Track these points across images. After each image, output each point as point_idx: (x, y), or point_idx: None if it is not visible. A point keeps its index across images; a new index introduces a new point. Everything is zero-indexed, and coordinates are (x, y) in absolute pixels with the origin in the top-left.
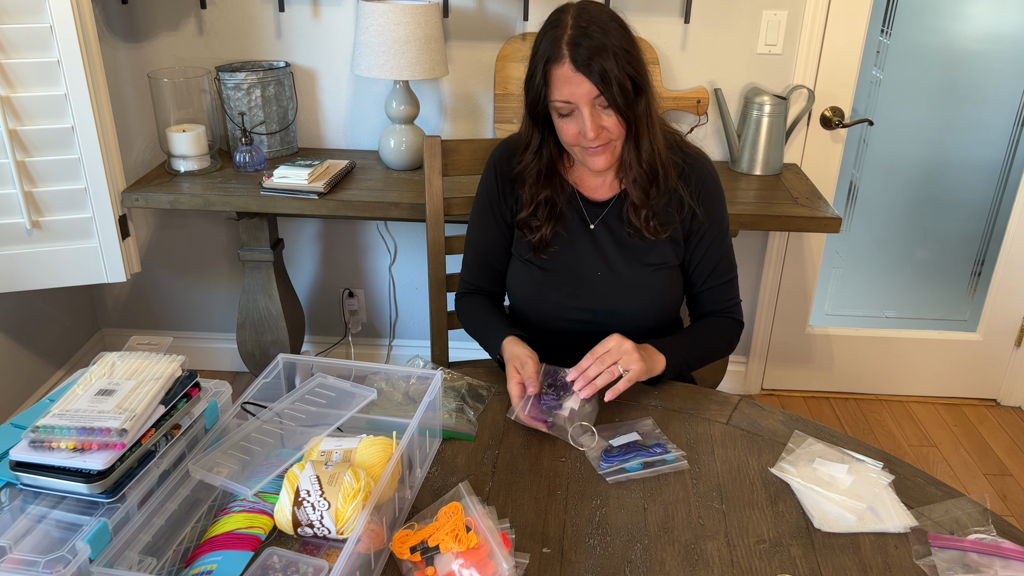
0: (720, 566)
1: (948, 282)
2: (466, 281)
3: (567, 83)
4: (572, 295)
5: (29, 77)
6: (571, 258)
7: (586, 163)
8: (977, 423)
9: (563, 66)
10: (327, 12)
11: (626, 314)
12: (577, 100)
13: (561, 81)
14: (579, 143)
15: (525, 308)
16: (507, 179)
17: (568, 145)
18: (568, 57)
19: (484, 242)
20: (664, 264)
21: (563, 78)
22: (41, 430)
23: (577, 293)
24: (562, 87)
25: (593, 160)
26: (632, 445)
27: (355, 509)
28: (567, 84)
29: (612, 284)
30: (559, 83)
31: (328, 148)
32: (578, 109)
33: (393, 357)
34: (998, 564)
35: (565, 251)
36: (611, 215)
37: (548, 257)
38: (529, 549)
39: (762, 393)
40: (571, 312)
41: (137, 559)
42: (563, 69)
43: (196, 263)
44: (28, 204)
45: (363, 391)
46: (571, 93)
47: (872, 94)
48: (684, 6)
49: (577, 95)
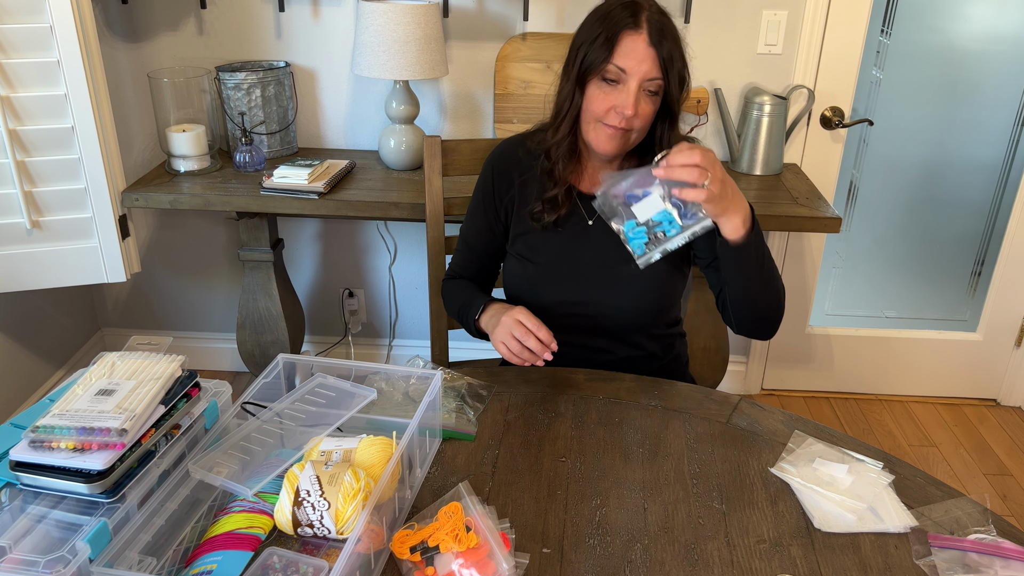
0: (720, 566)
1: (948, 282)
2: (453, 269)
3: (633, 53)
4: (568, 291)
5: (29, 77)
6: (568, 253)
7: (597, 142)
8: (977, 423)
9: (639, 36)
10: (327, 12)
11: (623, 309)
12: (634, 73)
13: (629, 49)
14: (606, 118)
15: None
16: (504, 174)
17: (592, 116)
18: (647, 30)
19: (475, 237)
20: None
21: (631, 47)
22: (41, 430)
23: (574, 289)
24: (628, 55)
25: (607, 141)
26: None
27: (355, 509)
28: (633, 54)
29: (609, 279)
30: (626, 50)
31: (328, 148)
32: (627, 82)
33: (393, 357)
34: (998, 564)
35: (562, 246)
36: None
37: (542, 252)
38: (529, 549)
39: (762, 393)
40: (568, 307)
41: (137, 559)
42: (637, 39)
43: (196, 263)
44: (28, 204)
45: (363, 391)
46: (634, 65)
47: (872, 94)
48: (684, 6)
49: (638, 68)
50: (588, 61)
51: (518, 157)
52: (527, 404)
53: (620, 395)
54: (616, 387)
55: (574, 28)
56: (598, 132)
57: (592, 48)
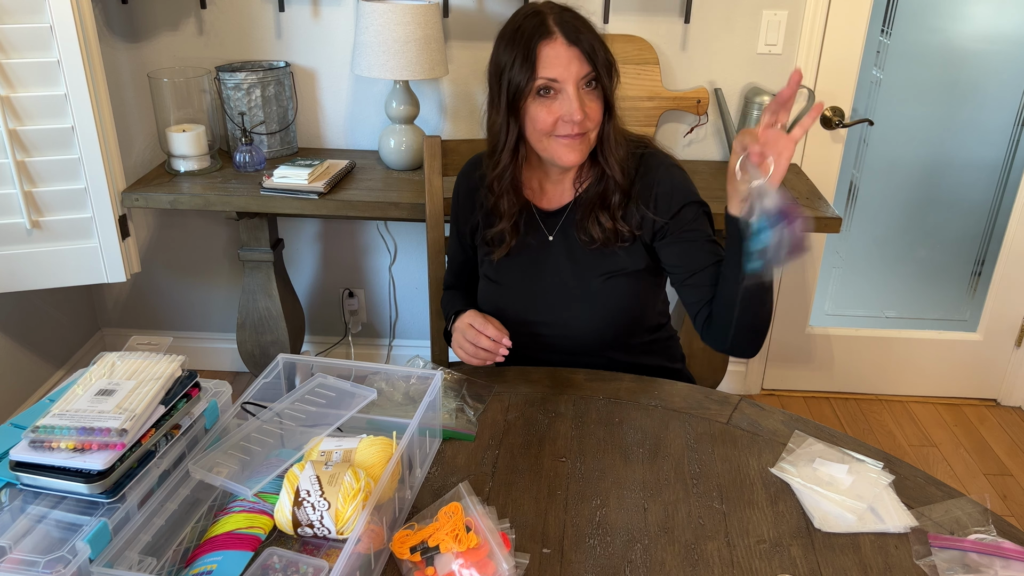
0: (720, 566)
1: (948, 282)
2: (445, 280)
3: (557, 60)
4: (530, 309)
5: (29, 77)
6: (530, 273)
7: (558, 155)
8: (977, 423)
9: (555, 42)
10: (327, 12)
11: (587, 324)
12: (566, 79)
13: (551, 58)
14: (556, 131)
15: None
16: (469, 195)
17: (541, 135)
18: (560, 33)
19: (453, 252)
20: (622, 270)
21: (553, 55)
22: (41, 430)
23: (535, 307)
24: (552, 65)
25: (567, 152)
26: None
27: (355, 509)
28: (557, 61)
29: (570, 295)
30: (549, 61)
31: (328, 148)
32: (563, 90)
33: (393, 357)
34: (998, 564)
35: (523, 267)
36: (567, 224)
37: (505, 272)
38: (529, 549)
39: (762, 393)
40: (534, 327)
41: (137, 559)
42: (555, 45)
43: (196, 263)
44: (28, 204)
45: (363, 391)
46: (562, 71)
47: (872, 94)
48: (684, 6)
49: (567, 72)
50: (514, 85)
51: (480, 178)
52: (527, 404)
53: (620, 395)
54: (616, 387)
55: None
56: (554, 146)
57: (513, 71)
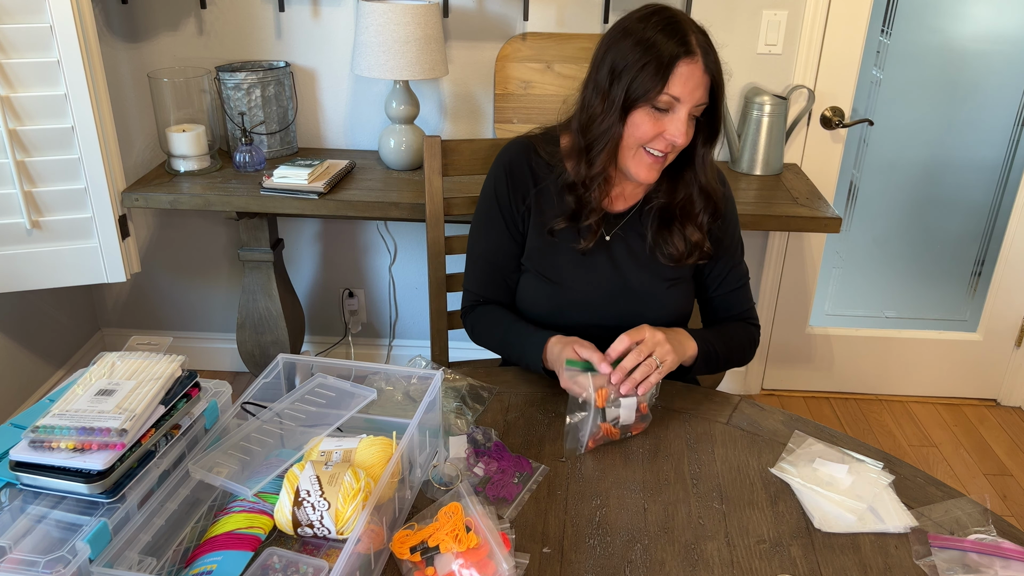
0: (720, 566)
1: (948, 282)
2: (473, 293)
3: (689, 80)
4: (588, 311)
5: (29, 77)
6: (589, 273)
7: (638, 170)
8: (977, 423)
9: (695, 64)
10: (327, 12)
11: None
12: (687, 100)
13: (685, 77)
14: (651, 144)
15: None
16: (523, 182)
17: (637, 142)
18: (700, 56)
19: (494, 251)
20: (679, 278)
21: (688, 74)
22: (41, 430)
23: (593, 309)
24: (684, 84)
25: (649, 170)
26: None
27: (355, 509)
28: (689, 81)
29: (627, 298)
30: (683, 80)
31: (328, 148)
32: (677, 110)
33: (393, 357)
34: (998, 564)
35: (582, 266)
36: (628, 227)
37: (566, 272)
38: (529, 549)
39: (762, 393)
40: (586, 329)
41: (137, 559)
42: (694, 67)
43: (196, 263)
44: (28, 204)
45: (363, 391)
46: (689, 92)
47: (872, 94)
48: (684, 6)
49: (692, 97)
50: (638, 91)
51: (532, 166)
52: (527, 404)
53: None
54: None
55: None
56: (640, 159)
57: (641, 76)
